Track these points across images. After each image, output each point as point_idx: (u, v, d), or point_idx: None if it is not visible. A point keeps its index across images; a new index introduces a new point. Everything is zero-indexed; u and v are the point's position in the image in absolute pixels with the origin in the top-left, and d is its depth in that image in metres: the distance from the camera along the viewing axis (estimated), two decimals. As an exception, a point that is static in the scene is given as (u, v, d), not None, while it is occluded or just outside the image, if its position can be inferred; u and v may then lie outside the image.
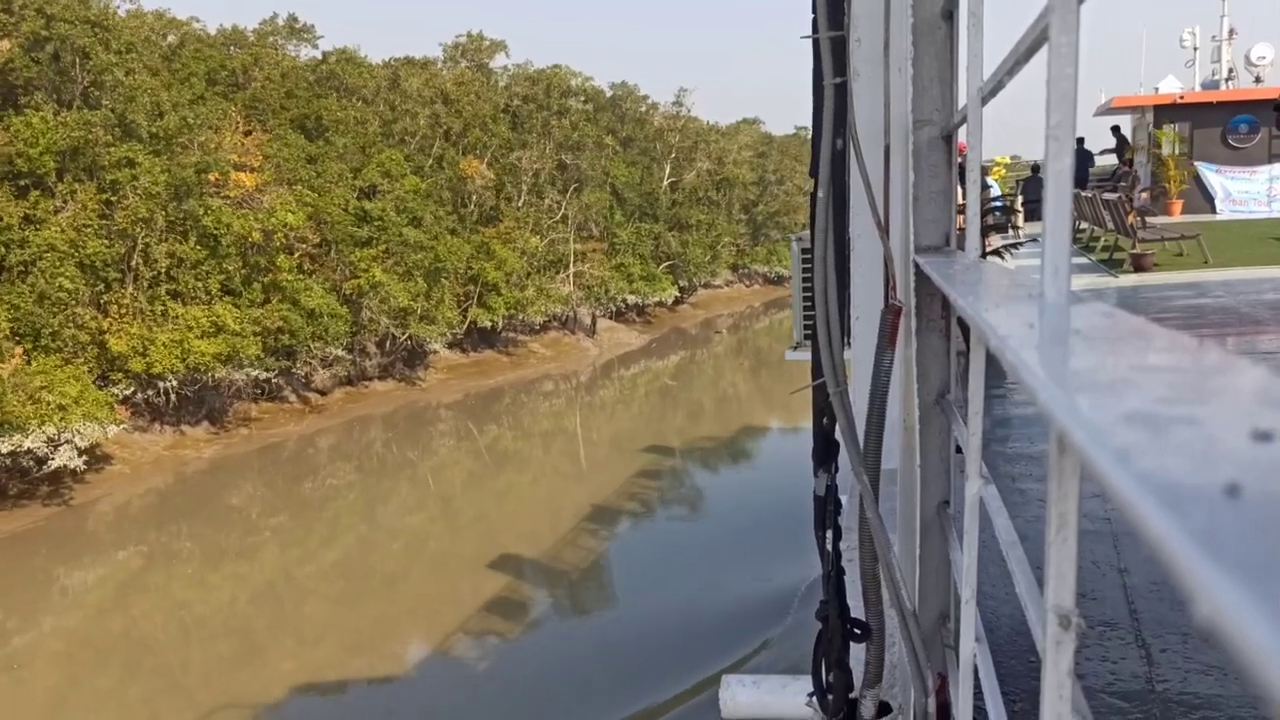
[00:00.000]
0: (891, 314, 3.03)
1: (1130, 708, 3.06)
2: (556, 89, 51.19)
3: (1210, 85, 26.96)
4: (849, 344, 3.87)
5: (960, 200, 3.28)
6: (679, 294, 56.40)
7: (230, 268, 31.16)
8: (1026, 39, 1.70)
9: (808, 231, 3.33)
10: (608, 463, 31.28)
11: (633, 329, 51.48)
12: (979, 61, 2.27)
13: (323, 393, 35.65)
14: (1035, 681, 1.36)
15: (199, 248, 30.29)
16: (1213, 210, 22.97)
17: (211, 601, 20.99)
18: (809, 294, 3.94)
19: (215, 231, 30.24)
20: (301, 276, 33.88)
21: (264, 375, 31.97)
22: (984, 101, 2.28)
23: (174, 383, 29.09)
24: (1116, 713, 3.03)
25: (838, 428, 3.14)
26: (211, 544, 23.86)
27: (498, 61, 51.74)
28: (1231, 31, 27.72)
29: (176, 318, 29.46)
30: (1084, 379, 0.80)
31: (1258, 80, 26.17)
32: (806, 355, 3.55)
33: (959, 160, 3.06)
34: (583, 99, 54.64)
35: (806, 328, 7.26)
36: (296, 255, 33.89)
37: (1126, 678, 3.25)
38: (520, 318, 43.11)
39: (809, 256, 3.35)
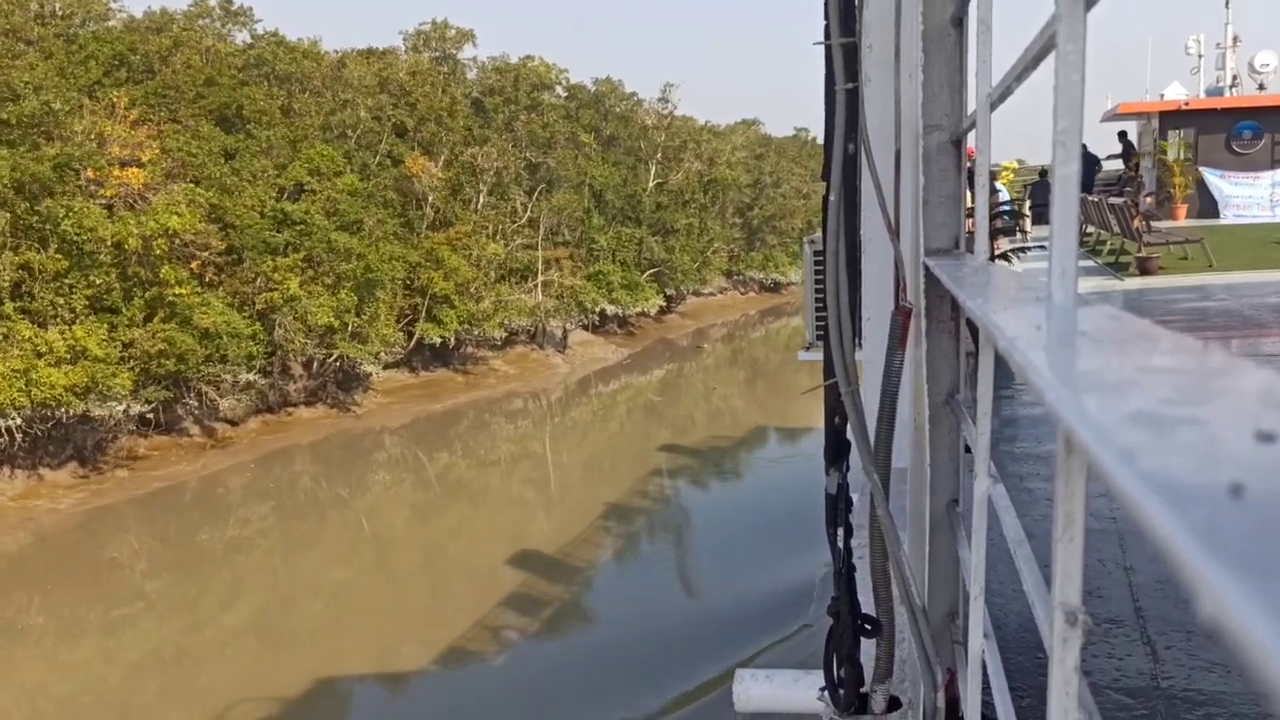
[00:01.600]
0: (902, 315, 3.05)
1: (1136, 704, 3.08)
2: (527, 82, 46.69)
3: (1215, 92, 26.97)
4: (860, 345, 3.89)
5: (969, 204, 3.31)
6: (665, 303, 51.95)
7: (100, 280, 25.93)
8: (1034, 46, 1.72)
9: (820, 234, 3.36)
10: (582, 487, 27.65)
11: (611, 342, 46.65)
12: (988, 68, 2.28)
13: (233, 423, 29.90)
14: (1042, 677, 1.35)
15: (59, 257, 25.36)
16: (1216, 215, 22.95)
17: (78, 679, 17.59)
18: (821, 295, 3.97)
19: (77, 238, 25.31)
20: (201, 290, 28.33)
21: (139, 409, 26.35)
22: (993, 107, 2.30)
23: (17, 420, 23.81)
24: (1122, 709, 3.04)
25: (849, 427, 3.17)
26: (76, 614, 19.84)
27: (466, 53, 47.16)
28: (1235, 39, 27.73)
29: (26, 340, 24.18)
30: (1091, 380, 0.81)
31: (1261, 87, 26.19)
32: (819, 355, 3.57)
33: (968, 165, 3.09)
34: (563, 93, 50.84)
35: (819, 328, 7.30)
36: (196, 264, 28.44)
37: (1132, 674, 3.26)
38: (477, 333, 38.23)
39: (821, 258, 3.36)
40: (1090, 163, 24.07)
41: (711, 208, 57.41)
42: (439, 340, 37.24)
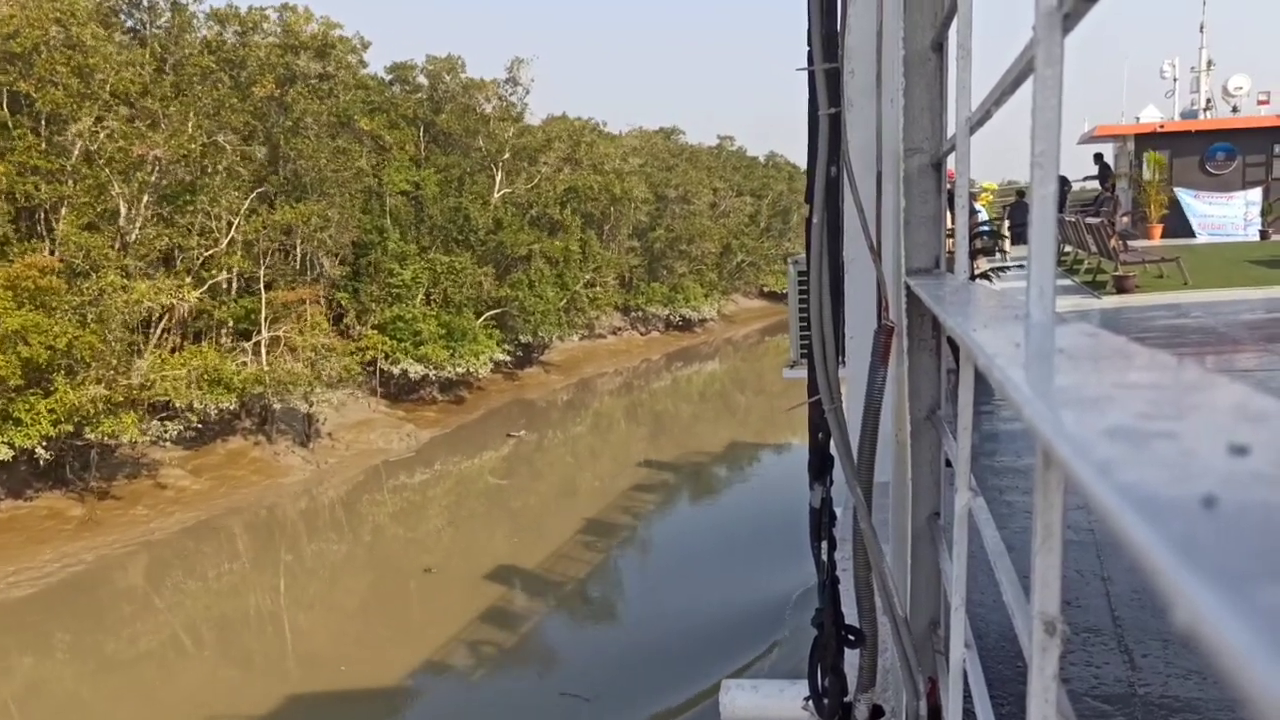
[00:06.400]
0: (884, 333, 3.09)
1: (1113, 711, 3.11)
2: (262, 36, 32.73)
3: (1189, 114, 27.40)
4: (843, 362, 3.94)
5: (949, 224, 3.36)
6: (522, 352, 39.42)
7: None
8: (1013, 70, 1.75)
9: (803, 255, 3.42)
10: (348, 661, 17.05)
11: (414, 418, 32.57)
12: (967, 92, 2.32)
13: None
14: (1022, 686, 1.37)
15: None
16: (1191, 234, 23.23)
17: None
18: (805, 315, 4.04)
19: None
20: None
21: None
22: (972, 130, 2.34)
23: None
24: (1100, 716, 3.08)
25: (833, 442, 3.21)
26: None
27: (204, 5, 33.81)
28: (1210, 63, 28.19)
29: None
30: (1068, 395, 0.83)
31: (1235, 110, 26.69)
32: (803, 373, 3.63)
33: (948, 186, 3.14)
34: (386, 75, 38.57)
35: (803, 347, 7.41)
36: None
37: (1110, 682, 3.30)
38: (94, 435, 22.91)
39: (805, 279, 3.43)
40: (1061, 184, 24.35)
41: (572, 227, 43.49)
42: (9, 455, 21.77)
